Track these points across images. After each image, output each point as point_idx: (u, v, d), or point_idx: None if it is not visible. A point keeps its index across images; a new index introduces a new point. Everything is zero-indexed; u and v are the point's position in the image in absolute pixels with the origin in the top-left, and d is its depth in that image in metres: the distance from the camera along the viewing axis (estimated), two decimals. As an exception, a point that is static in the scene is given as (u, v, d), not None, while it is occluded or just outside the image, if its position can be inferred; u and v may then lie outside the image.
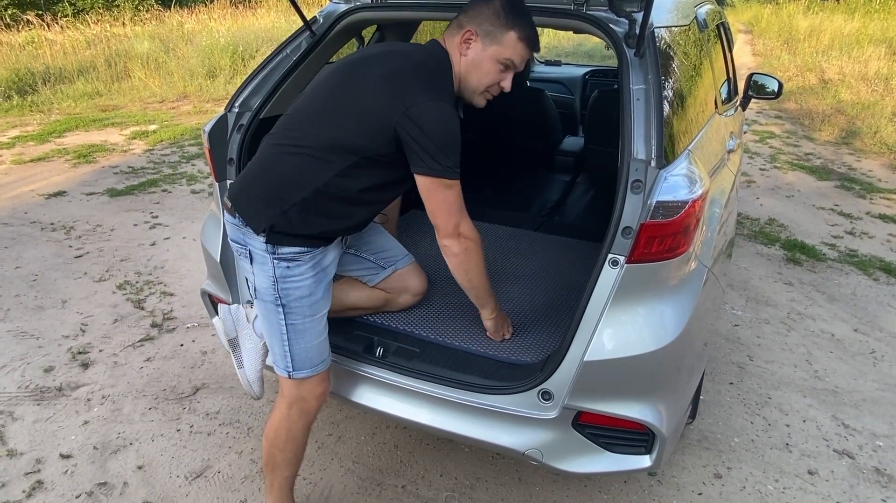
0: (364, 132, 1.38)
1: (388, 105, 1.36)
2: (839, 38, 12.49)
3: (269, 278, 1.45)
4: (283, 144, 1.46)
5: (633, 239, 1.32)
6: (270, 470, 1.65)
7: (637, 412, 1.40)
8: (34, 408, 2.34)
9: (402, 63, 1.43)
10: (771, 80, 3.20)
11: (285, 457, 1.62)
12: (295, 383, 1.54)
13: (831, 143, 6.59)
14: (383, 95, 1.38)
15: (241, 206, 1.46)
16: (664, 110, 1.39)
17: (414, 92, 1.36)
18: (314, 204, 1.42)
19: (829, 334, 2.90)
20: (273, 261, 1.43)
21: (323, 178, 1.40)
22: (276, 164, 1.45)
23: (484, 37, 1.44)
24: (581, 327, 1.38)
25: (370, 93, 1.40)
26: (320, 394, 1.57)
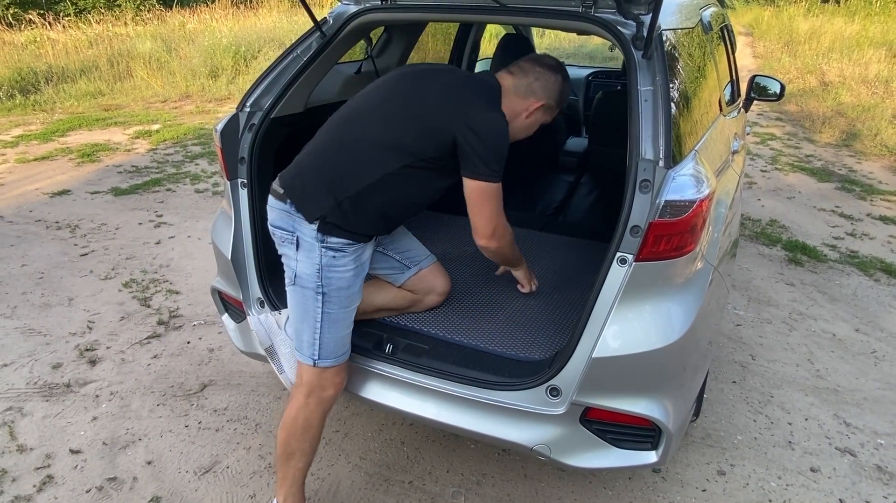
0: (424, 136, 1.51)
1: (451, 113, 1.51)
2: (840, 40, 12.52)
3: (314, 266, 1.52)
4: (344, 140, 1.56)
5: (642, 237, 1.34)
6: (285, 460, 1.66)
7: (644, 408, 1.42)
8: (43, 404, 2.36)
9: (465, 79, 1.64)
10: (773, 82, 3.23)
11: (301, 447, 1.63)
12: (317, 372, 1.58)
13: (832, 145, 6.62)
14: (447, 104, 1.53)
15: (294, 193, 1.54)
16: (671, 111, 1.42)
17: (475, 104, 1.53)
18: (366, 199, 1.51)
19: (830, 334, 2.93)
20: (321, 250, 1.51)
21: (377, 175, 1.51)
22: (334, 157, 1.55)
23: (545, 110, 1.71)
24: (589, 324, 1.40)
25: (434, 101, 1.55)
26: (339, 384, 1.62)
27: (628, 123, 1.43)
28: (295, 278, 1.55)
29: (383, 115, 1.56)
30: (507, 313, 1.87)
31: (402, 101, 1.57)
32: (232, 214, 1.85)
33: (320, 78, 2.01)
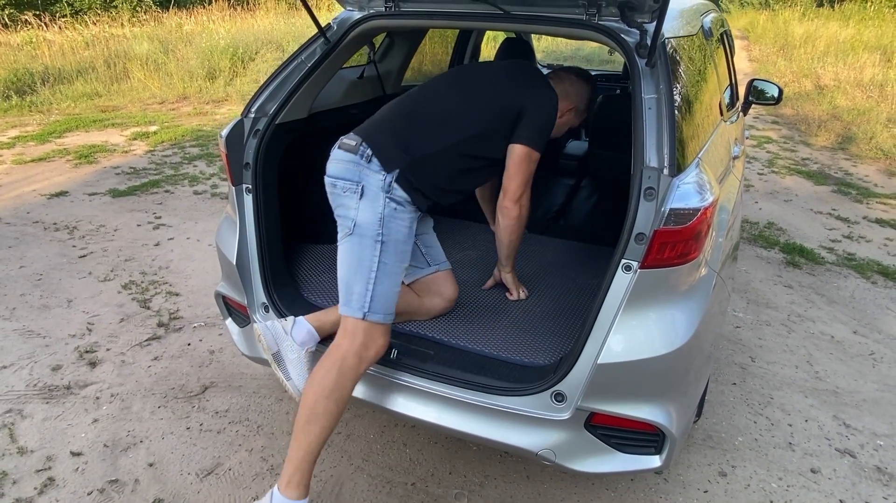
0: (492, 108, 1.76)
1: (519, 89, 1.79)
2: (834, 44, 12.60)
3: (376, 214, 1.60)
4: (422, 109, 1.77)
5: (647, 245, 1.35)
6: (305, 424, 1.57)
7: (648, 413, 1.43)
8: (43, 406, 2.35)
9: (529, 67, 1.92)
10: (771, 86, 3.25)
11: (327, 409, 1.55)
12: (364, 326, 1.58)
13: (828, 148, 6.66)
14: (514, 83, 1.82)
15: (375, 142, 1.66)
16: (676, 119, 1.43)
17: (540, 84, 1.84)
18: (435, 162, 1.69)
19: (828, 336, 2.95)
20: (385, 200, 1.62)
21: (452, 140, 1.71)
22: (414, 122, 1.73)
23: (576, 113, 1.98)
24: (594, 330, 1.42)
25: (504, 81, 1.83)
26: (381, 347, 1.61)
27: (632, 131, 1.45)
28: (354, 227, 1.60)
29: (459, 93, 1.80)
30: (511, 318, 1.88)
31: (475, 82, 1.83)
32: (237, 219, 1.86)
33: (324, 83, 2.02)
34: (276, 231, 1.92)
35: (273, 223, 1.89)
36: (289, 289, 1.92)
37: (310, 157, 2.26)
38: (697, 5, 2.35)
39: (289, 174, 2.07)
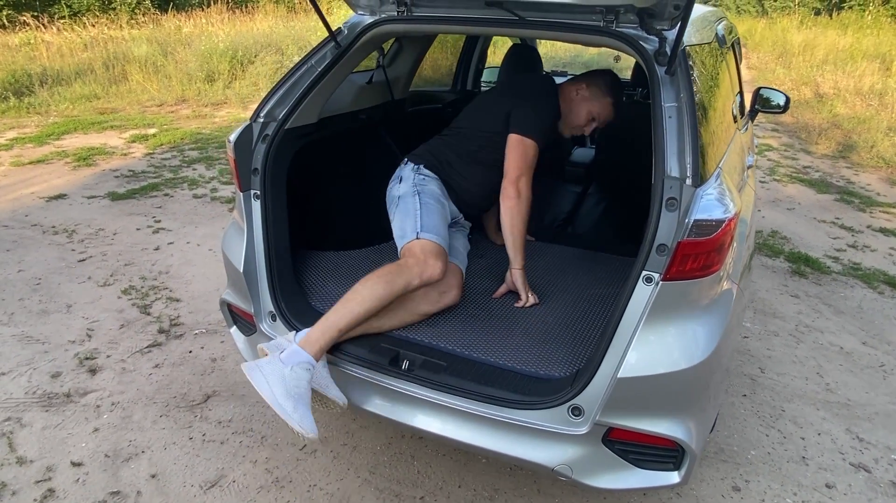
0: (492, 116, 2.09)
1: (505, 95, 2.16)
2: (833, 52, 12.67)
3: (410, 183, 2.06)
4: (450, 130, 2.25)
5: (669, 257, 1.32)
6: (343, 301, 1.68)
7: (667, 429, 1.40)
8: (42, 415, 2.30)
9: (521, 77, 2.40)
10: (778, 94, 3.24)
11: (368, 295, 1.66)
12: (419, 244, 1.84)
13: (828, 156, 6.67)
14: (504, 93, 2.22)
15: (411, 154, 2.19)
16: (698, 128, 1.40)
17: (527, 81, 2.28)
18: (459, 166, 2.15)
19: (837, 347, 2.93)
20: (415, 176, 2.08)
21: (467, 148, 2.15)
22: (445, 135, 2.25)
23: (592, 96, 2.13)
24: (614, 343, 1.38)
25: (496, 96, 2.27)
26: (437, 269, 1.78)
27: (653, 140, 1.42)
28: (399, 199, 2.02)
29: (474, 113, 2.22)
30: (524, 328, 1.85)
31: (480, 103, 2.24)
32: (244, 226, 1.82)
33: (334, 88, 1.99)
34: (285, 238, 1.88)
35: (281, 230, 1.86)
36: (296, 297, 1.88)
37: (319, 162, 2.23)
38: (710, 13, 2.33)
39: (297, 180, 2.04)
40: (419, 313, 1.87)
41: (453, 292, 1.93)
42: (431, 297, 1.88)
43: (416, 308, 1.86)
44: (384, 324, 1.80)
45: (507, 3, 1.65)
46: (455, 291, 1.94)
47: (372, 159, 2.48)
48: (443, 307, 1.90)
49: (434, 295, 1.89)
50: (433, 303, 1.89)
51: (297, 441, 2.19)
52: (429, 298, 1.88)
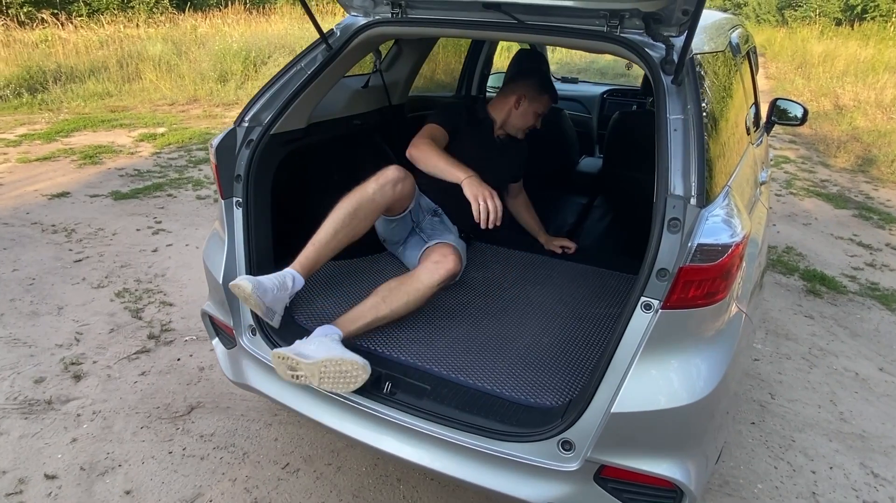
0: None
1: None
2: (854, 63, 12.41)
3: None
4: None
5: (670, 282, 1.21)
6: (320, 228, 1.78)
7: (665, 469, 1.29)
8: (21, 423, 2.23)
9: None
10: (795, 106, 3.11)
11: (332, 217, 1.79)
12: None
13: (847, 170, 6.49)
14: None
15: None
16: (705, 143, 1.29)
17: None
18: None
19: (853, 373, 2.78)
20: None
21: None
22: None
23: (531, 100, 2.32)
24: (608, 374, 1.28)
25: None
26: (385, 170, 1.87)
27: (656, 154, 1.31)
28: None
29: None
30: (517, 349, 1.74)
31: None
32: (225, 236, 1.73)
33: (325, 92, 1.90)
34: (268, 249, 1.79)
35: (264, 240, 1.77)
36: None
37: (309, 169, 2.14)
38: (724, 20, 2.22)
39: (284, 187, 1.95)
40: (423, 287, 1.81)
41: (450, 258, 1.87)
42: (428, 267, 1.85)
43: (415, 282, 1.82)
44: (392, 308, 1.77)
45: (506, 5, 1.56)
46: (452, 258, 1.88)
47: (367, 166, 2.38)
48: (445, 276, 1.84)
49: (429, 265, 1.86)
50: (431, 271, 1.84)
51: (279, 459, 2.10)
52: (426, 268, 1.85)
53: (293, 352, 1.51)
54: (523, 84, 2.32)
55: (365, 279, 2.05)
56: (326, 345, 1.53)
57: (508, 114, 2.32)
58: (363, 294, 1.80)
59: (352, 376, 1.48)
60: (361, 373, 1.49)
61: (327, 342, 1.54)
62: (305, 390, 1.63)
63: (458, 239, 2.21)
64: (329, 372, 1.47)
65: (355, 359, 1.48)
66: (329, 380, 1.48)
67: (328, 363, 1.47)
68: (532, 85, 2.32)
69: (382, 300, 1.77)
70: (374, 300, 1.77)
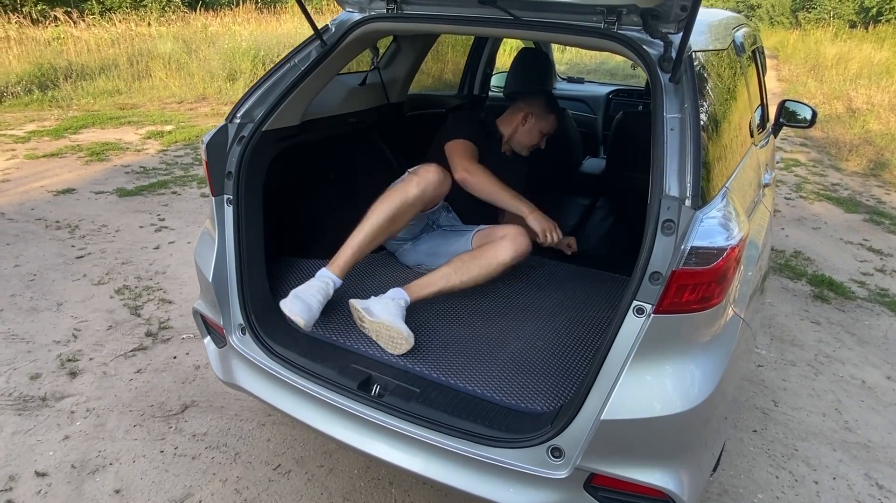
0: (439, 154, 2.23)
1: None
2: (868, 66, 12.25)
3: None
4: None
5: (663, 286, 1.17)
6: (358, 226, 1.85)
7: (658, 479, 1.25)
8: (15, 419, 2.23)
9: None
10: (804, 108, 3.06)
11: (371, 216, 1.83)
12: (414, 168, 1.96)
13: (859, 173, 6.39)
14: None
15: None
16: (701, 143, 1.25)
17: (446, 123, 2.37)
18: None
19: (859, 380, 2.72)
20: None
21: None
22: None
23: (538, 118, 2.39)
24: (599, 380, 1.24)
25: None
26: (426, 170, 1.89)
27: (651, 154, 1.27)
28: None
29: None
30: (510, 352, 1.71)
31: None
32: (215, 234, 1.71)
33: (319, 89, 1.88)
34: (259, 247, 1.77)
35: (255, 238, 1.75)
36: (269, 311, 1.77)
37: (303, 166, 2.12)
38: (729, 19, 2.17)
39: (279, 185, 1.93)
40: (497, 263, 1.89)
41: (522, 237, 1.93)
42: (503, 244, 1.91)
43: (489, 257, 1.89)
44: (462, 279, 1.88)
45: (502, 1, 1.52)
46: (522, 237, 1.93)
47: (363, 164, 2.36)
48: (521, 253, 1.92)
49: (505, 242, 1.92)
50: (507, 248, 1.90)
51: (271, 460, 2.08)
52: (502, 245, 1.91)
53: (363, 307, 1.72)
54: (531, 101, 2.39)
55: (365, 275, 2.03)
56: (390, 308, 1.72)
57: (515, 129, 2.39)
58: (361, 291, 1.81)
59: (397, 342, 1.66)
60: (404, 344, 1.66)
61: (392, 306, 1.73)
62: (293, 392, 1.61)
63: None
64: (383, 333, 1.68)
65: (402, 331, 1.66)
66: (383, 339, 1.69)
67: (382, 326, 1.67)
68: (539, 103, 2.39)
69: (454, 271, 1.89)
70: (446, 269, 1.90)
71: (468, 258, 1.92)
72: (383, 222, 1.85)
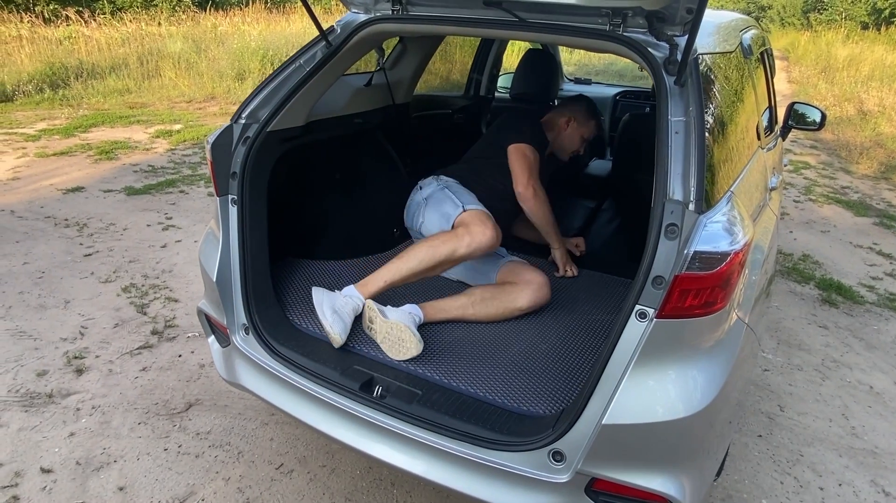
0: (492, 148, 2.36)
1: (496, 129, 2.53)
2: (880, 68, 12.14)
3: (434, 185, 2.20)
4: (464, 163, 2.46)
5: (665, 290, 1.17)
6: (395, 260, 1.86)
7: (659, 484, 1.24)
8: (21, 415, 2.25)
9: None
10: (813, 111, 3.03)
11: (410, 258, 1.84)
12: (469, 215, 1.95)
13: (869, 177, 6.33)
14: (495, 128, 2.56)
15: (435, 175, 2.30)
16: (706, 146, 1.25)
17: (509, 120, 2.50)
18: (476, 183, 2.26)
19: (867, 386, 2.70)
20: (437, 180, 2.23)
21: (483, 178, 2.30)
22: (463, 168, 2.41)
23: (580, 124, 2.48)
24: (601, 384, 1.23)
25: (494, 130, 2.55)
26: (481, 234, 1.85)
27: (655, 157, 1.27)
28: (426, 199, 2.16)
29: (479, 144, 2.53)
30: (512, 355, 1.70)
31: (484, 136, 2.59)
32: (220, 233, 1.72)
33: (324, 90, 1.88)
34: (263, 247, 1.77)
35: (259, 238, 1.75)
36: (273, 310, 1.78)
37: (308, 166, 2.13)
38: (737, 21, 2.16)
39: (283, 185, 1.94)
40: (517, 309, 1.91)
41: (545, 288, 1.96)
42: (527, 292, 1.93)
43: (512, 301, 1.92)
44: (478, 315, 1.90)
45: (507, 3, 1.52)
46: (546, 288, 1.96)
47: (368, 165, 2.36)
48: (540, 302, 1.94)
49: (530, 291, 1.94)
50: (530, 297, 1.93)
51: (273, 459, 2.09)
52: (526, 292, 1.93)
53: (377, 307, 1.74)
54: (572, 107, 2.51)
55: None
56: (404, 316, 1.75)
57: (558, 134, 2.47)
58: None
59: (405, 347, 1.66)
60: (412, 349, 1.66)
61: (406, 316, 1.76)
62: (295, 392, 1.61)
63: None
64: (392, 335, 1.67)
65: (414, 337, 1.67)
66: (389, 341, 1.68)
67: (395, 327, 1.68)
68: (580, 109, 2.49)
69: (472, 304, 1.90)
70: (464, 300, 1.92)
71: (489, 296, 1.93)
72: (423, 268, 1.85)
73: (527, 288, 1.94)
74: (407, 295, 1.96)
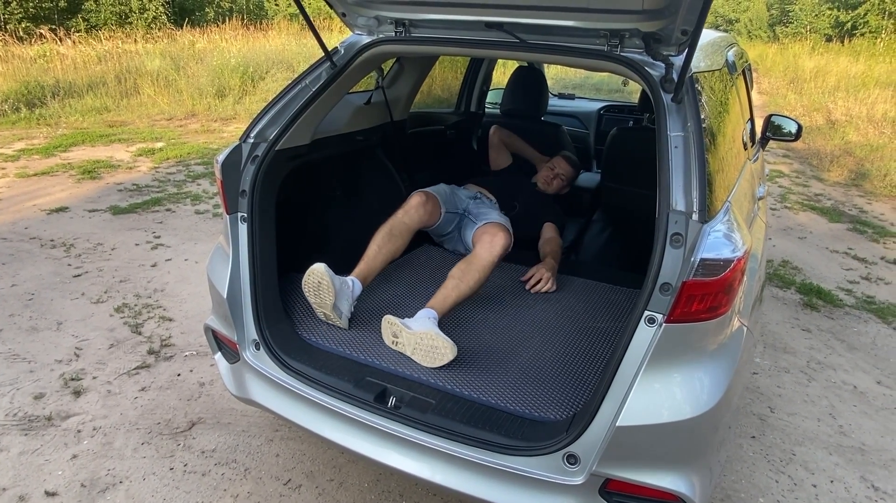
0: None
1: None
2: (845, 79, 12.59)
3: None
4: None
5: (673, 297, 1.23)
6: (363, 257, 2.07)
7: (670, 482, 1.30)
8: (21, 439, 2.22)
9: None
10: (789, 122, 3.16)
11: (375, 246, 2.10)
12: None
13: (840, 184, 6.55)
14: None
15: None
16: (706, 159, 1.32)
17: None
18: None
19: (851, 386, 2.80)
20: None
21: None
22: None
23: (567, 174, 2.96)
24: (613, 388, 1.29)
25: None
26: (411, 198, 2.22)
27: (657, 171, 1.34)
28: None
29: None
30: (520, 364, 1.75)
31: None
32: (230, 251, 1.74)
33: (329, 109, 1.93)
34: (272, 263, 1.80)
35: (269, 255, 1.78)
36: (282, 326, 1.80)
37: (313, 184, 2.17)
38: (720, 38, 2.26)
39: (289, 202, 1.97)
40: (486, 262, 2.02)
41: (500, 234, 2.08)
42: (485, 246, 2.06)
43: (479, 260, 2.02)
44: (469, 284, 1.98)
45: (508, 25, 1.59)
46: (501, 233, 2.09)
47: (369, 181, 2.41)
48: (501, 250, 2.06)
49: (485, 244, 2.06)
50: (489, 249, 2.04)
51: (281, 475, 2.09)
52: (484, 247, 2.05)
53: (399, 320, 1.75)
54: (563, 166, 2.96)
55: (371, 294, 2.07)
56: (426, 323, 1.76)
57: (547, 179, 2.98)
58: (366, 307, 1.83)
59: (440, 353, 1.67)
60: (448, 353, 1.67)
61: (428, 321, 1.77)
62: (309, 405, 1.63)
63: (502, 215, 2.50)
64: (423, 345, 1.68)
65: (446, 341, 1.68)
66: (421, 351, 1.69)
67: (424, 336, 1.68)
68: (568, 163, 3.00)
69: (460, 279, 1.98)
70: (453, 282, 1.98)
71: (465, 267, 2.03)
72: (383, 238, 2.10)
73: (484, 244, 2.07)
74: (413, 304, 2.01)
